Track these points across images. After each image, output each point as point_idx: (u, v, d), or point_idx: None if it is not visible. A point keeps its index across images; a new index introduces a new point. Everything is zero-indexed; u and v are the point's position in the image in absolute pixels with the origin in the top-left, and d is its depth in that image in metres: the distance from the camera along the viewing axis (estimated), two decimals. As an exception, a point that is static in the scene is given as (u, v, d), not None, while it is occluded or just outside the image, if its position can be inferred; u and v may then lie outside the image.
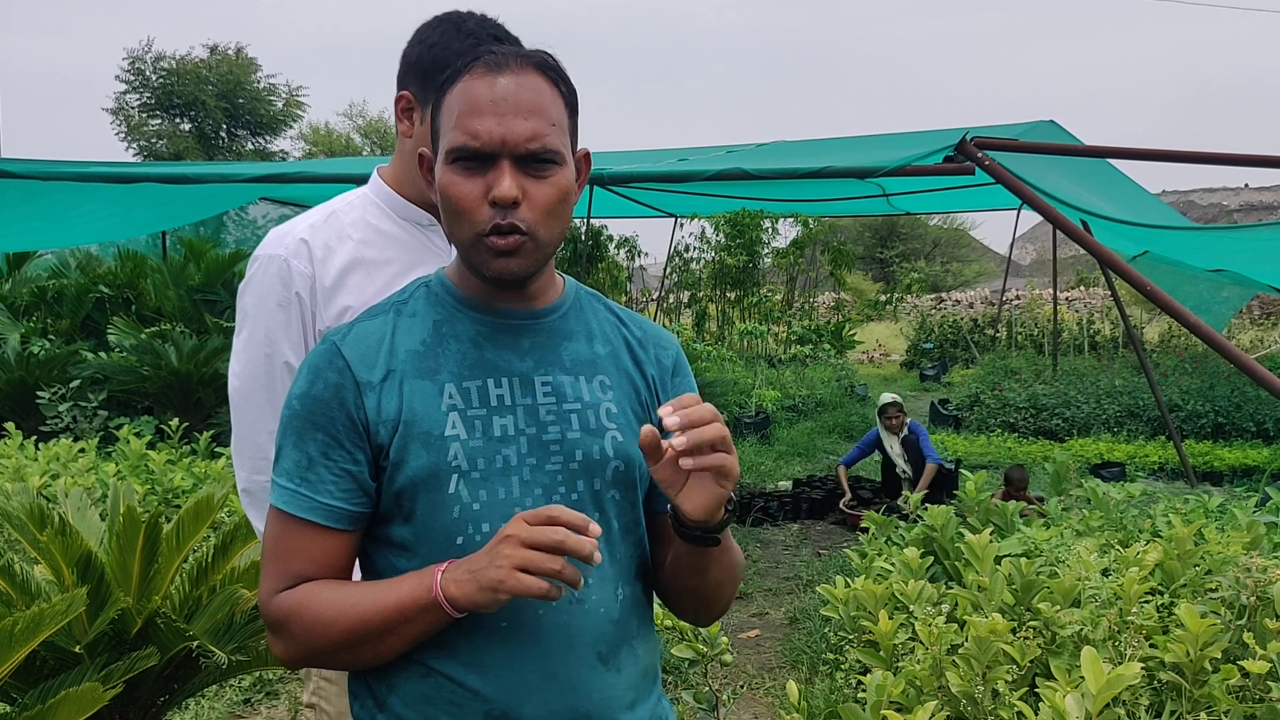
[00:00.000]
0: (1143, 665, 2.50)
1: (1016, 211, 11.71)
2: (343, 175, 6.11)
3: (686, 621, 1.44)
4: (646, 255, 16.94)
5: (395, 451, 1.18)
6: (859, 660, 3.08)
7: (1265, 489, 4.86)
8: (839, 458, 8.05)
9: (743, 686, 4.00)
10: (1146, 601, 2.92)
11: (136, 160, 27.42)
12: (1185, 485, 7.45)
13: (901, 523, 4.29)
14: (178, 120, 29.54)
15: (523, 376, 1.24)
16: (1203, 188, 36.37)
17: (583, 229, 11.79)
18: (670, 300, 16.10)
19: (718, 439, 1.11)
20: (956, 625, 2.85)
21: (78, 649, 2.43)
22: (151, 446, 6.52)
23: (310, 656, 1.20)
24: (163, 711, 2.77)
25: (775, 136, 9.40)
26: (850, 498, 6.90)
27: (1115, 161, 6.83)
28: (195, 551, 2.93)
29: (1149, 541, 3.52)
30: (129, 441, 6.08)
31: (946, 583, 3.55)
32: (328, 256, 1.66)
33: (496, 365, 1.23)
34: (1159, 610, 3.00)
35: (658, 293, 16.39)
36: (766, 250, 15.07)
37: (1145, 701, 2.62)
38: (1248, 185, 36.11)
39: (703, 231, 14.71)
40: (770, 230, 14.63)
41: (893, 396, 7.21)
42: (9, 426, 6.53)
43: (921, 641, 2.77)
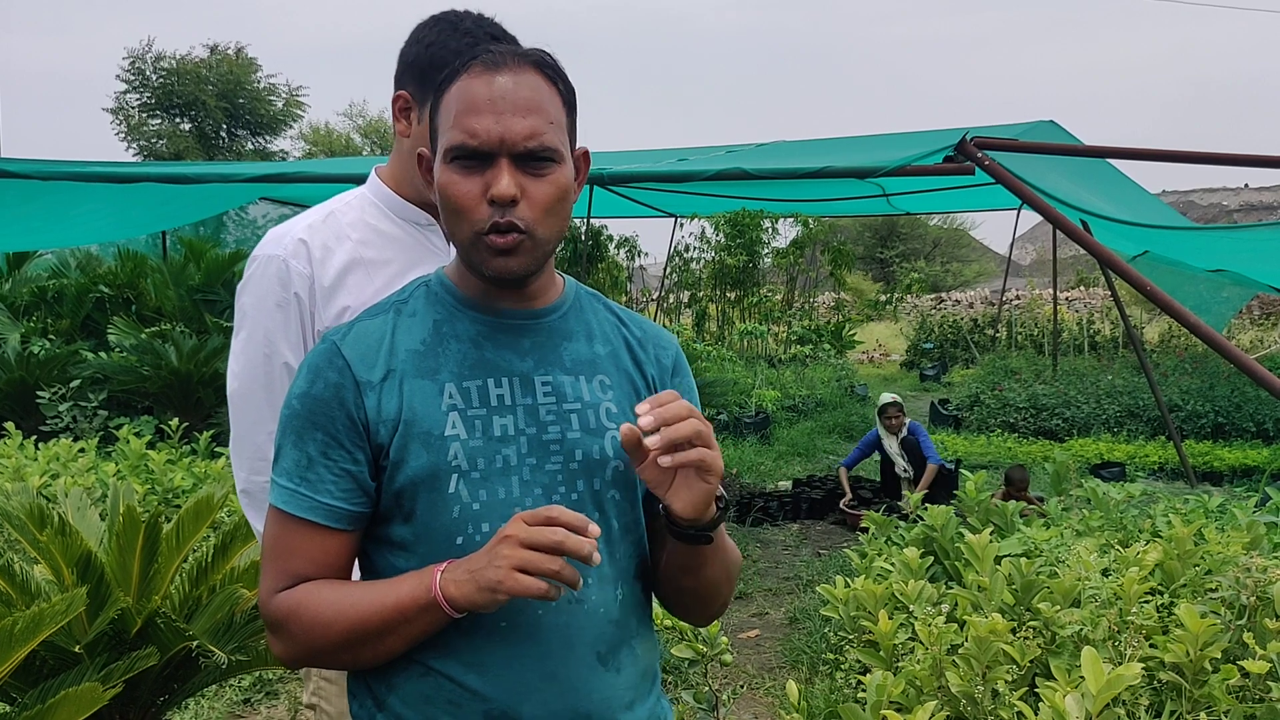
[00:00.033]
0: (1143, 665, 2.49)
1: (1016, 211, 11.70)
2: (342, 175, 6.10)
3: (685, 621, 1.44)
4: (646, 255, 16.98)
5: (395, 451, 1.18)
6: (859, 660, 3.08)
7: (1265, 489, 4.86)
8: (839, 458, 8.06)
9: (743, 686, 4.00)
10: (1146, 601, 2.92)
11: (136, 160, 27.42)
12: (1185, 485, 7.45)
13: (901, 523, 4.29)
14: (178, 120, 29.54)
15: (523, 376, 1.23)
16: (1203, 188, 36.37)
17: (583, 229, 11.79)
18: (670, 300, 16.10)
19: (694, 434, 1.10)
20: (956, 625, 2.85)
21: (77, 649, 2.43)
22: (151, 446, 6.52)
23: (309, 656, 1.20)
24: (162, 711, 2.77)
25: (775, 136, 9.40)
26: (850, 498, 6.90)
27: (1115, 161, 6.83)
28: (195, 551, 2.93)
29: (1149, 541, 3.52)
30: (129, 441, 6.08)
31: (946, 583, 3.54)
32: (326, 257, 1.66)
33: (497, 365, 1.23)
34: (1159, 610, 3.00)
35: (658, 293, 16.39)
36: (766, 250, 15.08)
37: (1145, 701, 2.62)
38: (1248, 185, 36.14)
39: (703, 231, 14.72)
40: (770, 230, 14.63)
41: (892, 396, 7.21)
42: (9, 426, 6.53)
43: (921, 641, 2.77)
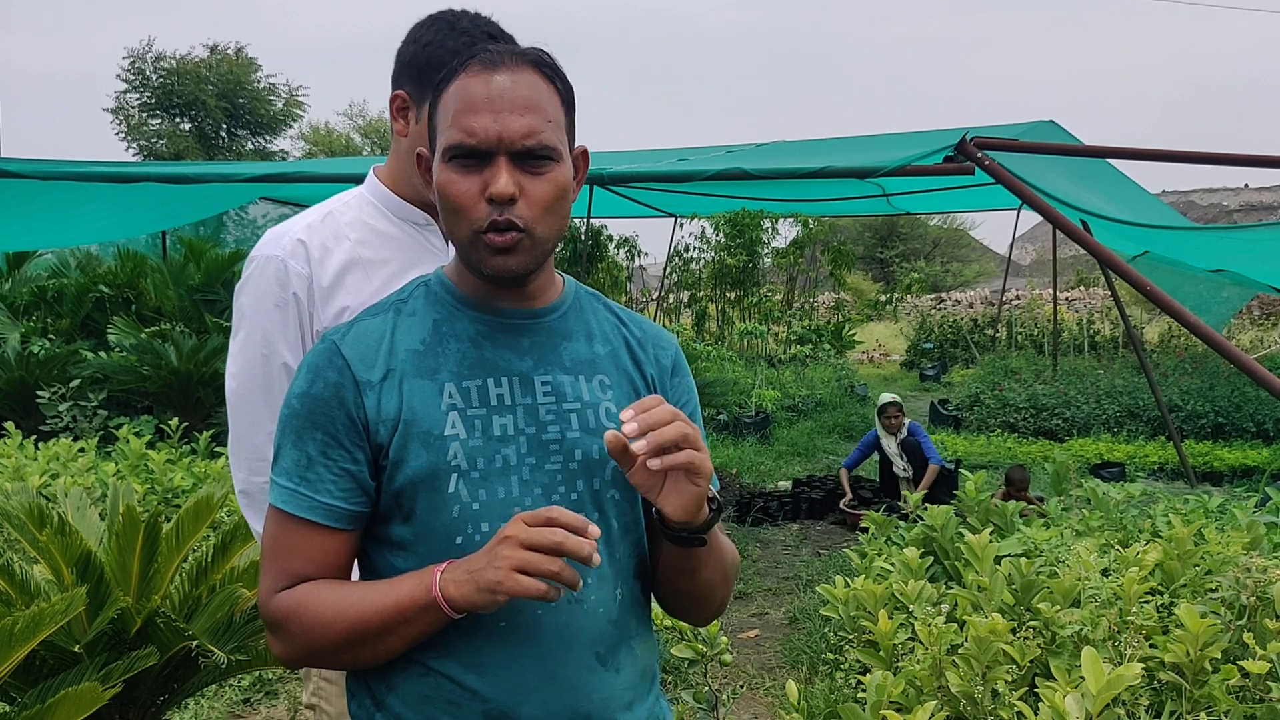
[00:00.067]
0: (1143, 665, 2.49)
1: (1016, 211, 11.70)
2: (342, 175, 6.10)
3: (684, 622, 1.44)
4: (646, 255, 16.98)
5: (395, 451, 1.18)
6: (859, 660, 3.08)
7: (1265, 489, 4.86)
8: (839, 458, 8.05)
9: (742, 686, 4.00)
10: (1146, 601, 2.92)
11: (136, 160, 27.43)
12: (1185, 485, 7.45)
13: (901, 523, 4.29)
14: (178, 120, 29.55)
15: (522, 376, 1.23)
16: (1203, 188, 36.36)
17: (582, 229, 11.78)
18: (670, 300, 16.10)
19: (679, 438, 1.10)
20: (956, 625, 2.85)
21: (77, 648, 2.43)
22: (151, 446, 6.52)
23: (309, 656, 1.20)
24: (162, 711, 2.77)
25: (775, 136, 9.41)
26: (851, 498, 6.90)
27: (1115, 161, 6.83)
28: (195, 551, 2.93)
29: (1149, 542, 3.52)
30: (129, 441, 6.08)
31: (946, 583, 3.54)
32: (325, 257, 1.66)
33: (496, 364, 1.23)
34: (1159, 610, 3.00)
35: (658, 293, 16.39)
36: (766, 250, 15.08)
37: (1145, 701, 2.62)
38: (1248, 185, 36.13)
39: (703, 231, 14.72)
40: (770, 230, 14.63)
41: (892, 397, 7.21)
42: (9, 426, 6.53)
43: (921, 641, 2.77)
